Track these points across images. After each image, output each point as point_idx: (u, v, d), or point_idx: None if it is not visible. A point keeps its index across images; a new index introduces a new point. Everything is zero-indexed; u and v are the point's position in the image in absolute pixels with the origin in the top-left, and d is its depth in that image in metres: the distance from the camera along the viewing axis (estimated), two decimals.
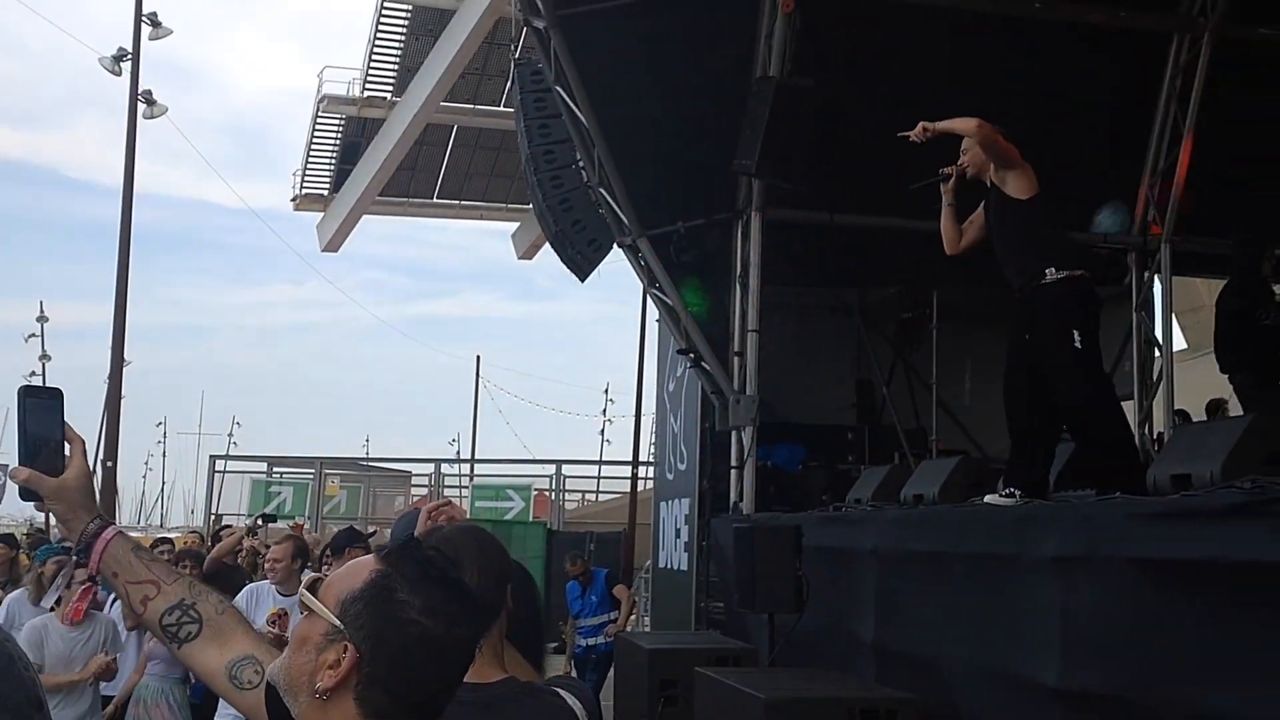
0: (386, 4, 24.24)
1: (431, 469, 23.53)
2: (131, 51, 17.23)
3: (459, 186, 28.90)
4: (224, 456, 23.67)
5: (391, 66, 25.62)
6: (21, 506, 25.90)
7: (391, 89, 25.88)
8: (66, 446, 1.83)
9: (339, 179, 28.04)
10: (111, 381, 16.84)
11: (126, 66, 17.35)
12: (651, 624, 12.82)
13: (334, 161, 28.09)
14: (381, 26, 24.87)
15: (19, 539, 9.93)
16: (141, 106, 17.46)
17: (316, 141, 27.78)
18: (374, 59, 25.55)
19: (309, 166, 28.44)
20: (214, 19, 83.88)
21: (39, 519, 19.59)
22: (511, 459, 27.19)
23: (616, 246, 9.76)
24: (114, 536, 1.81)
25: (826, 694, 5.03)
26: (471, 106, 25.79)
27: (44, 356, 34.88)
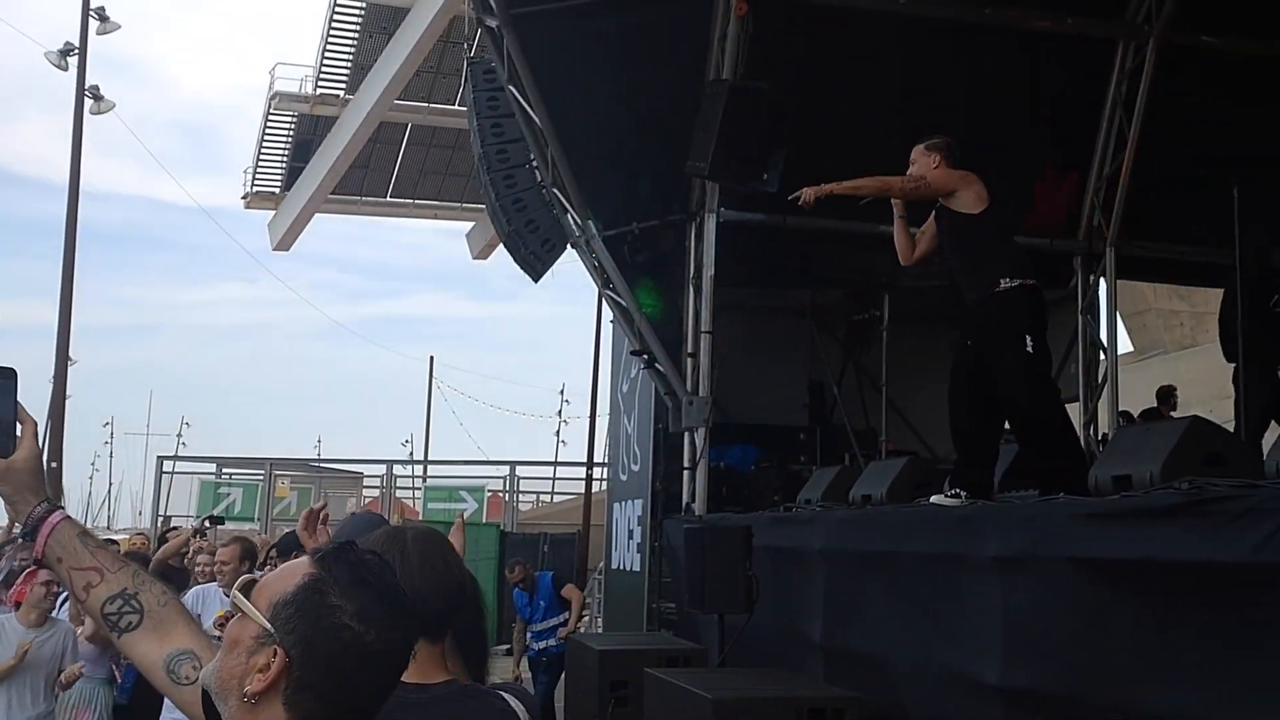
0: (340, 1, 24.06)
1: (384, 470, 23.35)
2: (78, 46, 16.98)
3: (413, 185, 28.77)
4: (172, 457, 23.34)
5: (345, 64, 25.45)
6: None
7: (345, 86, 25.70)
8: (18, 427, 1.81)
9: (291, 177, 27.81)
10: (56, 381, 16.56)
11: (74, 61, 17.09)
12: (604, 625, 12.82)
13: (286, 159, 27.86)
14: (335, 23, 24.69)
15: None
16: (89, 102, 17.21)
17: (268, 139, 27.53)
18: (327, 56, 25.37)
19: (260, 164, 28.18)
20: (163, 14, 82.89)
21: None
22: (465, 460, 27.09)
23: (570, 247, 9.75)
24: (61, 521, 1.79)
25: (774, 694, 5.06)
26: (426, 105, 25.69)
27: None
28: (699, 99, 8.45)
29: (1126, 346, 19.47)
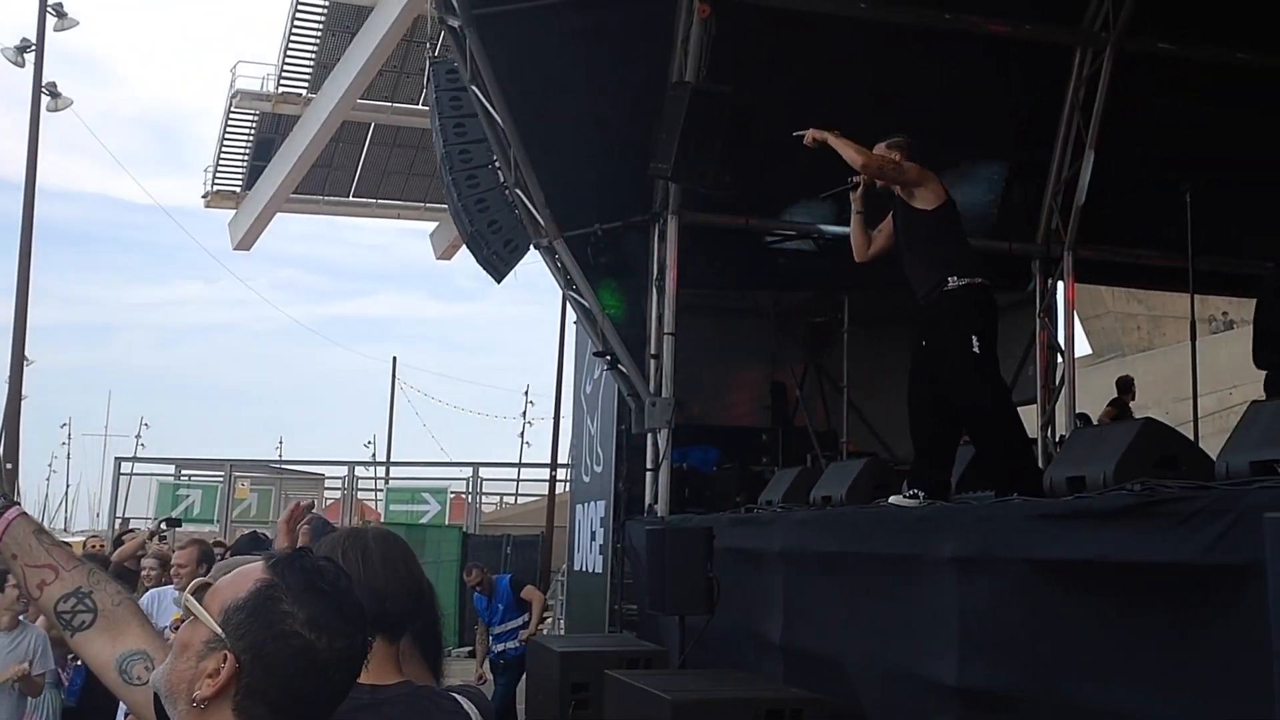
0: None
1: (346, 471, 23.18)
2: (35, 42, 16.77)
3: (376, 185, 28.60)
4: (131, 459, 23.01)
5: (307, 63, 25.27)
6: None
7: (307, 85, 25.52)
8: None
9: (252, 176, 27.57)
10: (12, 381, 16.37)
11: (30, 58, 16.87)
12: (566, 626, 12.79)
13: (247, 158, 27.61)
14: (297, 22, 24.51)
15: None
16: (46, 99, 17.00)
17: (229, 137, 27.28)
18: (289, 55, 25.17)
19: (221, 163, 27.91)
20: (123, 10, 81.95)
21: None
22: (428, 461, 26.95)
23: (533, 248, 9.74)
24: (17, 517, 1.78)
25: (733, 695, 5.08)
26: (389, 104, 25.54)
27: None
28: (662, 101, 8.47)
29: (1084, 349, 19.70)
